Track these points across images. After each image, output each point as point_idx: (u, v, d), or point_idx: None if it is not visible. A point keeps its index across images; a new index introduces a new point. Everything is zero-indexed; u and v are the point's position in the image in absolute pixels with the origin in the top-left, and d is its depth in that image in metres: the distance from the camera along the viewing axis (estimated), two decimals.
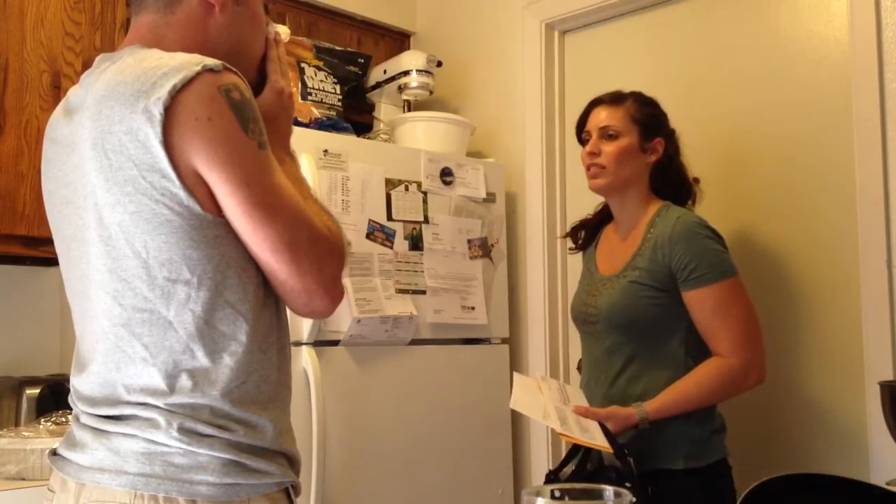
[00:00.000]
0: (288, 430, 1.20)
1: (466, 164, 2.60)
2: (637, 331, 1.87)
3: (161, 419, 1.06)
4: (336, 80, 2.67)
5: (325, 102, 2.59)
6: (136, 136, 1.04)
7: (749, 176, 2.37)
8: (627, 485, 1.70)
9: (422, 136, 2.64)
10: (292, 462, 1.18)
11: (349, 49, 2.86)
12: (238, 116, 1.06)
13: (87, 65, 1.21)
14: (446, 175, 2.53)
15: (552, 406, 1.76)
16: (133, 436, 1.07)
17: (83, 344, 1.17)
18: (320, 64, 2.67)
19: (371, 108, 2.92)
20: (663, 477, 1.80)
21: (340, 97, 2.65)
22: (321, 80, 2.63)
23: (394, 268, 2.35)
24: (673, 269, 1.83)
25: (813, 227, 2.23)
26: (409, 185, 2.43)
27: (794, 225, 2.26)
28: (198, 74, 1.05)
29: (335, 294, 1.15)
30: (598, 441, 1.69)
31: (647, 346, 1.86)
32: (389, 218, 2.37)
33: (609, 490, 0.85)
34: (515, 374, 1.92)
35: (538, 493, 0.83)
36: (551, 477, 1.87)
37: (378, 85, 2.87)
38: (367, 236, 2.31)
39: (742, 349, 1.81)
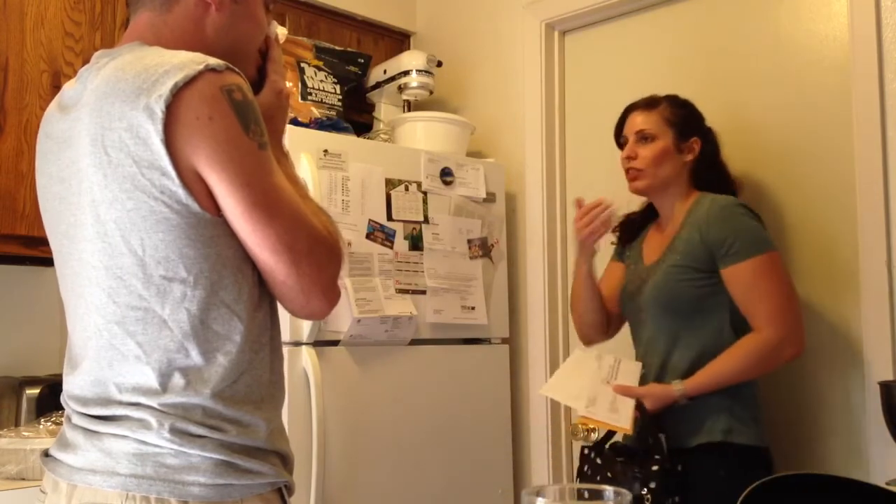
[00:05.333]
0: (280, 430, 1.19)
1: (466, 164, 2.60)
2: (680, 313, 1.93)
3: (153, 420, 1.06)
4: (336, 80, 2.67)
5: (325, 102, 2.59)
6: (137, 134, 1.03)
7: (748, 175, 2.36)
8: (657, 457, 1.78)
9: (422, 136, 2.64)
10: (286, 461, 1.18)
11: (349, 49, 2.86)
12: (239, 117, 1.06)
13: (120, 43, 1.20)
14: (446, 175, 2.53)
15: (590, 385, 1.86)
16: (124, 437, 1.06)
17: (75, 340, 1.17)
18: (320, 64, 2.67)
19: (371, 108, 2.92)
20: (698, 451, 1.85)
21: (340, 97, 2.65)
22: (321, 80, 2.63)
23: (394, 268, 2.35)
24: (711, 248, 1.89)
25: (813, 227, 2.23)
26: (409, 185, 2.43)
27: (794, 224, 2.26)
28: (200, 73, 1.04)
29: (332, 296, 1.16)
30: (622, 422, 1.79)
31: (690, 328, 1.92)
32: (389, 218, 2.37)
33: (609, 490, 0.86)
34: (577, 351, 2.03)
35: (538, 493, 0.83)
36: (589, 451, 1.96)
37: (378, 85, 2.87)
38: (367, 236, 2.31)
39: (778, 322, 1.84)
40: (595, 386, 1.86)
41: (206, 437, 1.07)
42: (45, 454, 1.16)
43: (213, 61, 1.07)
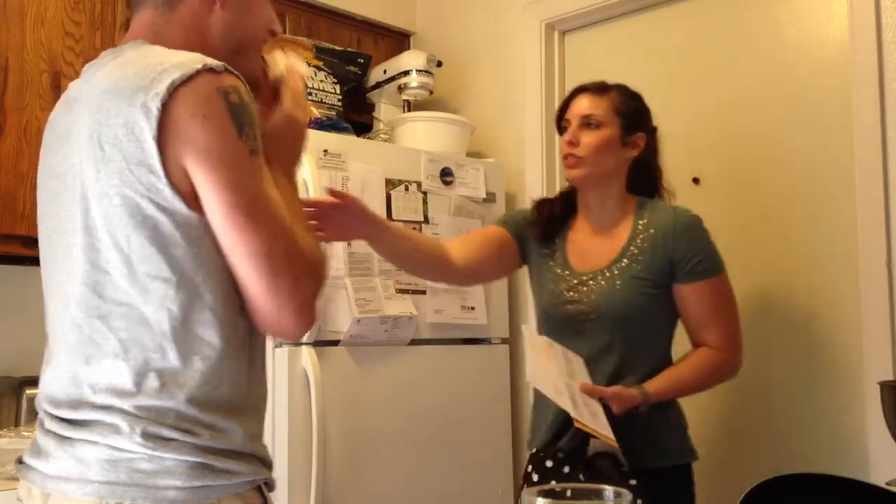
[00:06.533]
0: (258, 436, 1.17)
1: (466, 164, 2.59)
2: (637, 327, 1.82)
3: (124, 424, 1.05)
4: (336, 80, 2.67)
5: (325, 102, 2.60)
6: (132, 131, 1.03)
7: (749, 176, 2.37)
8: (625, 469, 1.68)
9: (422, 136, 2.64)
10: (265, 462, 1.16)
11: (349, 49, 2.87)
12: (234, 119, 1.05)
13: (122, 42, 1.21)
14: (446, 175, 2.53)
15: (561, 381, 1.69)
16: (95, 443, 1.05)
17: (53, 336, 1.16)
18: (320, 64, 2.67)
19: (371, 108, 2.92)
20: (664, 473, 1.78)
21: (340, 97, 2.65)
22: (321, 80, 2.63)
23: (394, 268, 2.34)
24: (674, 261, 1.80)
25: (813, 228, 2.23)
26: (409, 185, 2.43)
27: (794, 225, 2.26)
28: (198, 72, 1.04)
29: (306, 315, 1.11)
30: (608, 431, 1.64)
31: (639, 342, 1.83)
32: (389, 218, 2.36)
33: (609, 490, 0.85)
34: (524, 330, 1.83)
35: (538, 493, 0.83)
36: (541, 455, 1.83)
37: (378, 85, 2.87)
38: None
39: (732, 341, 1.83)
40: (565, 382, 1.69)
41: (178, 440, 1.05)
42: (19, 461, 1.15)
43: (212, 62, 1.06)
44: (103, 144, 1.06)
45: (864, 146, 2.09)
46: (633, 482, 1.67)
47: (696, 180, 2.44)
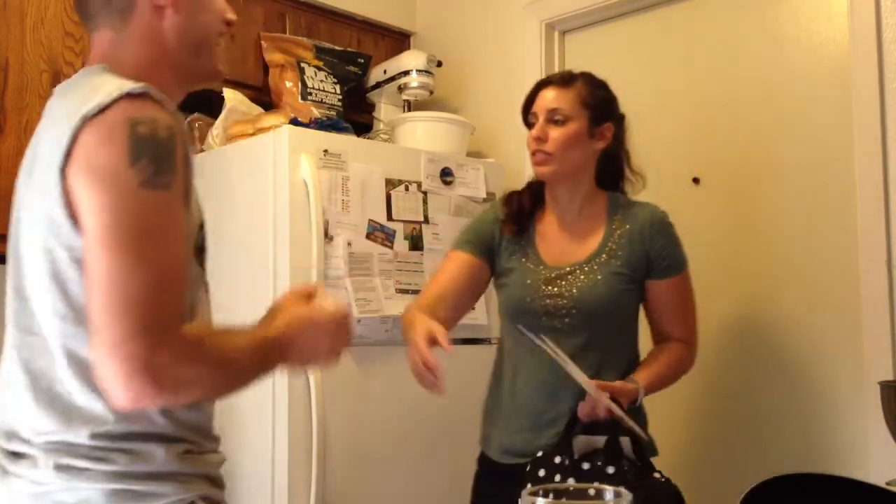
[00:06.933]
0: (193, 452, 1.12)
1: (466, 164, 2.59)
2: (617, 324, 1.82)
3: (40, 456, 1.04)
4: (336, 80, 2.67)
5: (325, 102, 2.60)
6: (50, 160, 1.02)
7: (749, 175, 2.37)
8: (638, 463, 1.66)
9: (422, 136, 2.64)
10: (208, 478, 1.12)
11: (349, 49, 2.87)
12: (132, 147, 0.99)
13: (87, 65, 1.21)
14: (446, 175, 2.53)
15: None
16: (21, 476, 1.05)
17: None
18: (320, 64, 2.67)
19: (371, 108, 2.92)
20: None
21: (340, 97, 2.66)
22: (321, 80, 2.64)
23: (394, 268, 2.35)
24: (651, 257, 1.82)
25: (813, 228, 2.23)
26: (409, 185, 2.43)
27: (794, 225, 2.26)
28: (115, 101, 1.00)
29: (136, 377, 0.94)
30: (634, 424, 1.63)
31: (617, 337, 1.83)
32: (389, 218, 2.36)
33: (609, 490, 0.85)
34: (525, 331, 1.75)
35: (538, 493, 0.83)
36: (572, 457, 1.71)
37: (378, 85, 2.87)
38: (367, 236, 2.30)
39: (694, 335, 1.87)
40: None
41: (92, 469, 1.03)
42: None
43: (136, 87, 1.02)
44: (33, 172, 1.07)
45: (864, 146, 2.09)
46: (656, 475, 1.67)
47: (696, 180, 2.44)
